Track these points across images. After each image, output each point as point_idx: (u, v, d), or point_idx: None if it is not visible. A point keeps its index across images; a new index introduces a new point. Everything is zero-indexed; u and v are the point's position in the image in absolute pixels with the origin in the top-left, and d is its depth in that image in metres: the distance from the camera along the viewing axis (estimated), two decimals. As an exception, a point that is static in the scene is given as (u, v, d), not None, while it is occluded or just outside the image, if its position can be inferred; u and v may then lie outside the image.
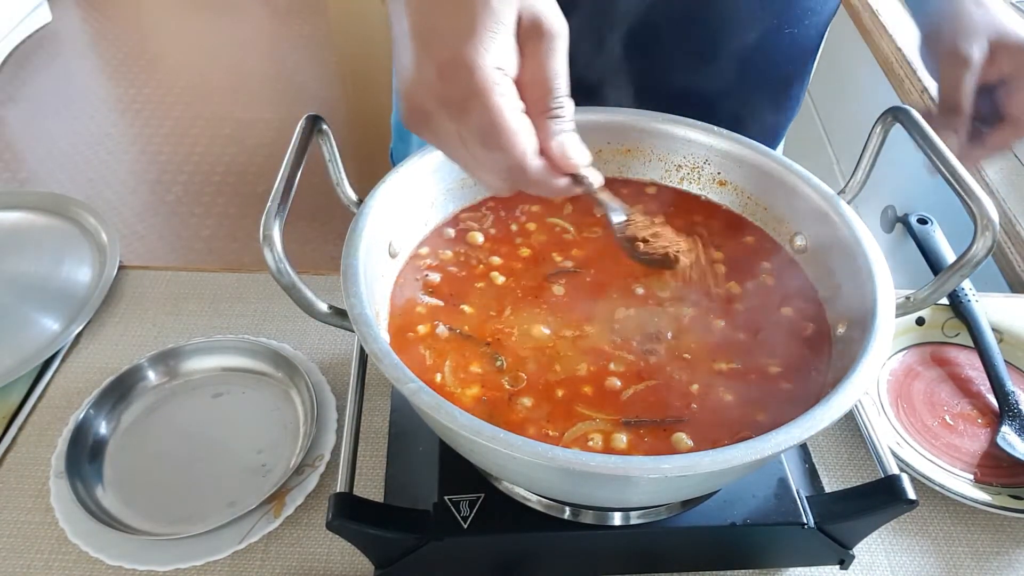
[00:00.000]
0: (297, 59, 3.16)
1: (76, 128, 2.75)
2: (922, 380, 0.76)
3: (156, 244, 2.33)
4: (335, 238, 2.23)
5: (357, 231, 0.55)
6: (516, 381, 0.54)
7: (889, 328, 0.51)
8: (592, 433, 0.51)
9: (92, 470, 0.65)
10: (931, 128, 0.55)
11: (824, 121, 1.73)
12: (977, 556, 0.64)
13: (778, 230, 0.65)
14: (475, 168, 0.44)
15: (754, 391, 0.54)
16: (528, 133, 0.42)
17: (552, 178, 0.44)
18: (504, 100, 0.41)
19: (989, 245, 0.50)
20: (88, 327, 0.78)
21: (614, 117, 0.68)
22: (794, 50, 0.77)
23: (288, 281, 0.47)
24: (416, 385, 0.46)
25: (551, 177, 0.44)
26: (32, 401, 0.72)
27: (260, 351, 0.74)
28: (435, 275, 0.61)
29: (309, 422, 0.68)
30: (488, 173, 0.44)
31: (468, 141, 0.42)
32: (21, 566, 0.60)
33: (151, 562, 0.59)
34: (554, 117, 0.43)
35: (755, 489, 0.58)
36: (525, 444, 0.43)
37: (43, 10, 3.23)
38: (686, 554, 0.60)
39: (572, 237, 0.65)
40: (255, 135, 2.74)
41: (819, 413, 0.45)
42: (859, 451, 0.71)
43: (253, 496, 0.63)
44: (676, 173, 0.69)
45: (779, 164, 0.64)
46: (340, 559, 0.62)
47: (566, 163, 0.44)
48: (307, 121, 0.56)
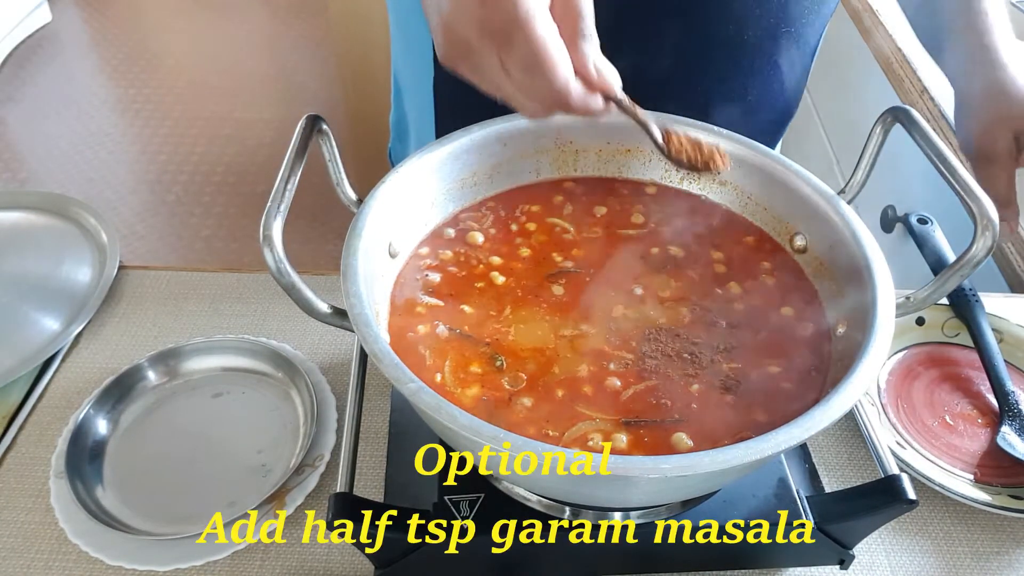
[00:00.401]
0: (297, 59, 3.16)
1: (76, 128, 2.75)
2: (922, 380, 0.76)
3: (156, 244, 2.33)
4: (335, 238, 2.23)
5: (357, 231, 0.55)
6: (516, 381, 0.54)
7: (889, 328, 0.51)
8: (592, 433, 0.51)
9: (92, 470, 0.65)
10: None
11: (824, 121, 1.73)
12: (977, 556, 0.64)
13: (778, 230, 0.65)
14: (517, 95, 0.46)
15: (754, 391, 0.54)
16: (567, 59, 0.44)
17: (591, 99, 0.47)
18: (546, 28, 0.42)
19: (989, 245, 0.50)
20: (88, 327, 0.78)
21: (614, 117, 0.68)
22: (792, 49, 0.77)
23: (288, 281, 0.47)
24: (416, 385, 0.46)
25: (590, 98, 0.46)
26: (32, 401, 0.72)
27: (260, 351, 0.74)
28: (435, 275, 0.61)
29: (309, 422, 0.68)
30: (531, 99, 0.46)
31: (512, 69, 0.44)
32: (21, 566, 0.60)
33: (151, 562, 0.59)
34: (587, 39, 0.45)
35: (755, 489, 0.58)
36: (525, 444, 0.43)
37: (43, 10, 3.23)
38: (686, 554, 0.60)
39: (572, 237, 0.65)
40: (255, 135, 2.74)
41: (819, 413, 0.45)
42: (859, 451, 0.71)
43: (253, 496, 0.63)
44: (676, 173, 0.69)
45: (779, 164, 0.64)
46: (340, 559, 0.62)
47: (603, 84, 0.47)
48: (307, 121, 0.56)
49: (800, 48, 0.78)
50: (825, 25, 0.80)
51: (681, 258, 0.64)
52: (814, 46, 0.81)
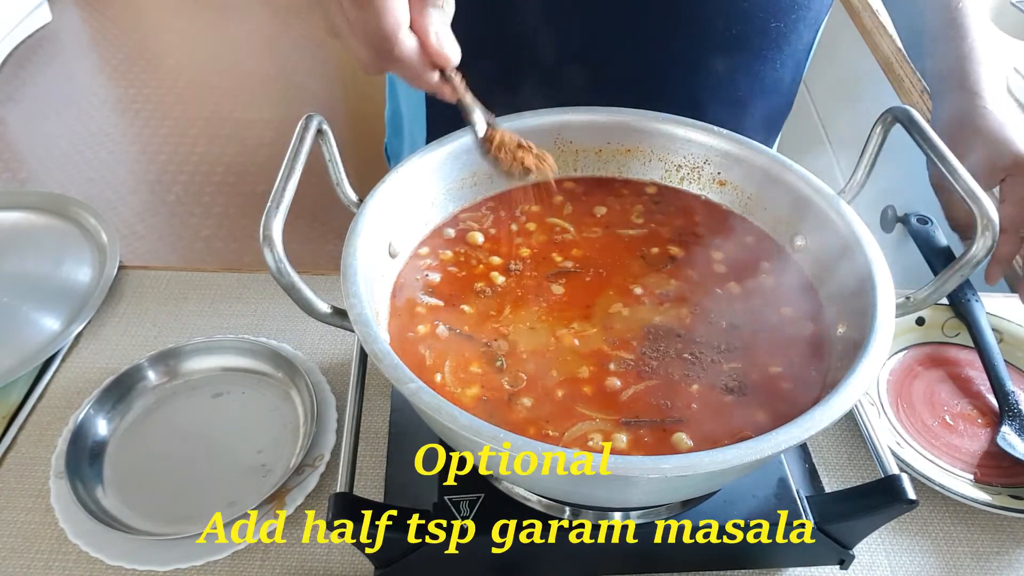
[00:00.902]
0: (297, 59, 3.16)
1: (76, 128, 2.75)
2: (922, 380, 0.76)
3: (156, 244, 2.33)
4: (335, 238, 2.23)
5: (357, 231, 0.55)
6: (516, 381, 0.54)
7: (889, 328, 0.51)
8: (592, 433, 0.51)
9: (92, 470, 0.65)
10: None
11: (824, 121, 1.73)
12: (977, 556, 0.64)
13: (778, 230, 0.65)
14: (350, 38, 0.45)
15: (754, 391, 0.54)
16: (404, 7, 0.43)
17: (424, 67, 0.46)
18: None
19: (989, 245, 0.50)
20: (88, 327, 0.78)
21: (614, 117, 0.68)
22: (783, 45, 0.77)
23: (288, 281, 0.47)
24: (416, 385, 0.46)
25: (423, 65, 0.46)
26: (32, 401, 0.72)
27: (260, 351, 0.74)
28: (435, 275, 0.61)
29: (309, 422, 0.68)
30: (361, 42, 0.44)
31: (346, 3, 0.43)
32: (21, 566, 0.60)
33: (151, 562, 0.59)
34: (436, 6, 0.44)
35: (755, 489, 0.58)
36: (525, 444, 0.43)
37: (43, 10, 3.23)
38: (686, 554, 0.60)
39: (572, 237, 0.65)
40: (255, 135, 2.74)
41: (819, 413, 0.45)
42: (859, 451, 0.71)
43: (253, 496, 0.63)
44: (676, 173, 0.69)
45: (779, 164, 0.64)
46: (340, 559, 0.62)
47: (439, 53, 0.45)
48: (307, 121, 0.56)
49: (792, 44, 0.78)
50: (820, 21, 0.80)
51: (681, 258, 0.64)
52: (809, 42, 0.81)
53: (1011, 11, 1.39)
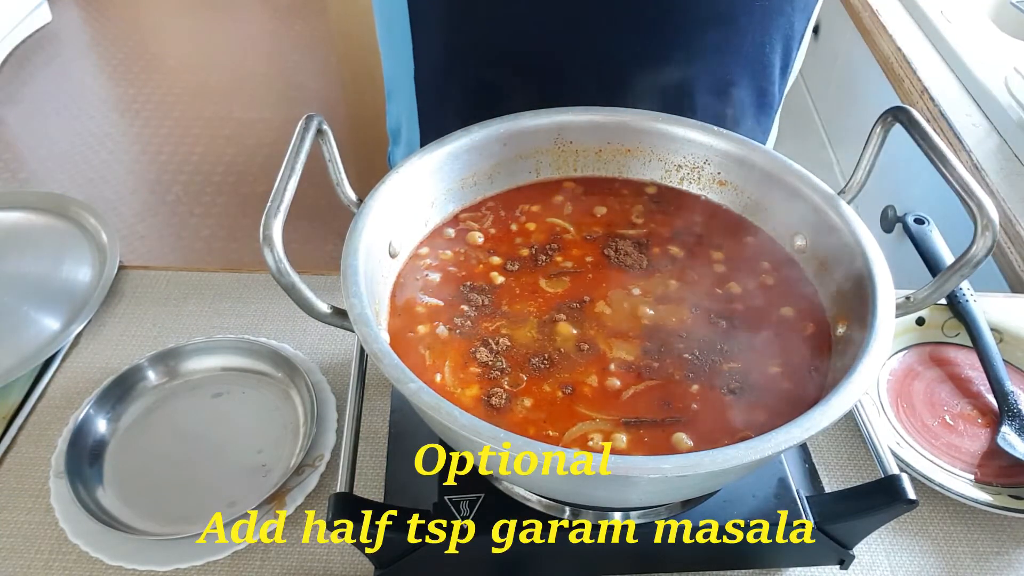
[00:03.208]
0: (297, 59, 3.16)
1: (76, 128, 2.75)
2: (922, 380, 0.76)
3: (156, 244, 2.33)
4: (335, 238, 2.23)
5: (357, 231, 0.55)
6: (516, 381, 0.54)
7: (889, 328, 0.51)
8: (592, 433, 0.51)
9: (92, 470, 0.65)
10: None
11: (824, 121, 1.73)
12: (977, 556, 0.64)
13: (778, 230, 0.65)
14: None
15: (754, 391, 0.54)
16: None
17: None
18: None
19: (989, 245, 0.50)
20: (88, 327, 0.78)
21: (614, 117, 0.68)
22: (768, 25, 0.75)
23: (288, 281, 0.47)
24: (416, 385, 0.46)
25: None
26: (32, 401, 0.72)
27: (260, 351, 0.74)
28: (435, 275, 0.61)
29: (309, 422, 0.68)
30: None
31: None
32: (21, 566, 0.60)
33: (151, 562, 0.59)
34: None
35: (755, 489, 0.58)
36: (525, 444, 0.43)
37: (43, 10, 3.23)
38: (686, 554, 0.60)
39: (572, 237, 0.65)
40: (255, 135, 2.74)
41: (819, 413, 0.45)
42: (859, 451, 0.71)
43: (253, 496, 0.63)
44: (676, 173, 0.69)
45: (779, 164, 0.64)
46: (340, 559, 0.62)
47: None
48: (307, 121, 0.56)
49: (780, 26, 0.76)
50: (811, 7, 0.78)
51: (681, 258, 0.64)
52: (800, 29, 0.79)
53: (1011, 11, 1.39)
